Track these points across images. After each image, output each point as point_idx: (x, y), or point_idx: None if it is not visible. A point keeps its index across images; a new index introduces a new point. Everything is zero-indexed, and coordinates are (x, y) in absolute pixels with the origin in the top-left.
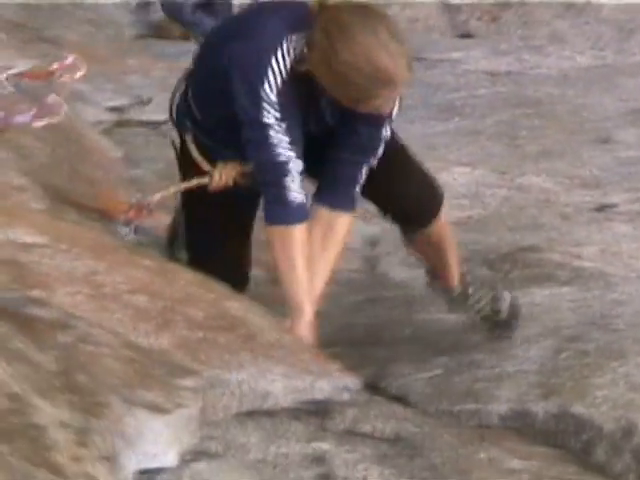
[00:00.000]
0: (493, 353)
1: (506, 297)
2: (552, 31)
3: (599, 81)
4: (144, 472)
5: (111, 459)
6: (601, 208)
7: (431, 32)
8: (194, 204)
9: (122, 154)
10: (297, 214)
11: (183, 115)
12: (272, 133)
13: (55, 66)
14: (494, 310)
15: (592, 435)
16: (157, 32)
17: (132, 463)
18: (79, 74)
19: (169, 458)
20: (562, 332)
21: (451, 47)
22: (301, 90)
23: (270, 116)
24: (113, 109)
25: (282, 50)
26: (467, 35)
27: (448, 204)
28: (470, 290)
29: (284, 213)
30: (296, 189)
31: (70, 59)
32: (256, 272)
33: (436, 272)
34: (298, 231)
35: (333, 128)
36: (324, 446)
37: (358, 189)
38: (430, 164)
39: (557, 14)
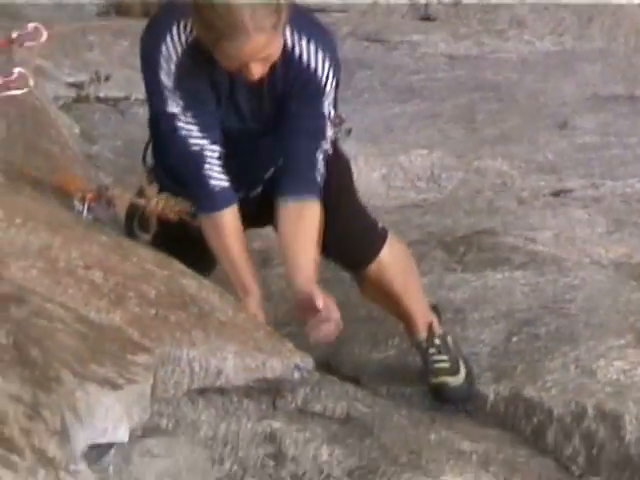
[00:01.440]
0: (448, 335)
1: (465, 373)
2: (512, 16)
3: (558, 66)
4: (94, 447)
5: (61, 433)
6: (557, 193)
7: (392, 14)
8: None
9: (80, 130)
10: (222, 200)
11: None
12: (180, 124)
13: (15, 35)
14: (452, 369)
15: (542, 418)
16: (118, 9)
17: (82, 438)
18: (41, 40)
19: (120, 433)
20: (515, 316)
21: (411, 30)
22: (216, 81)
23: (174, 105)
24: (72, 85)
25: (171, 35)
26: (427, 18)
27: (407, 186)
28: (435, 341)
29: (209, 201)
30: (216, 176)
31: (30, 26)
32: None
33: (399, 317)
34: (227, 216)
35: (273, 123)
36: (275, 424)
37: (319, 176)
38: (388, 146)
39: None
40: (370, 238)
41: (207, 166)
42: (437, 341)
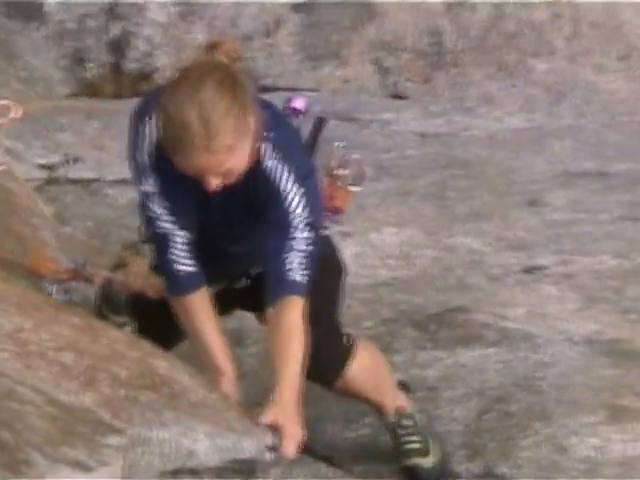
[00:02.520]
0: (419, 414)
1: (436, 453)
2: (483, 93)
3: (528, 143)
4: None
5: None
6: (528, 270)
7: (363, 93)
8: None
9: (52, 212)
10: (188, 285)
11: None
12: (150, 204)
13: None
14: (423, 450)
15: None
16: (89, 90)
17: None
18: (13, 116)
19: None
20: (487, 393)
21: (382, 108)
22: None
23: (148, 184)
24: (43, 166)
25: (151, 118)
26: (398, 96)
27: (378, 264)
28: (404, 422)
29: (175, 285)
30: (182, 261)
31: (3, 102)
32: None
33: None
34: (194, 299)
35: (244, 231)
36: None
37: (293, 273)
38: (359, 224)
39: (488, 76)
40: (334, 359)
41: (173, 250)
42: (406, 422)
